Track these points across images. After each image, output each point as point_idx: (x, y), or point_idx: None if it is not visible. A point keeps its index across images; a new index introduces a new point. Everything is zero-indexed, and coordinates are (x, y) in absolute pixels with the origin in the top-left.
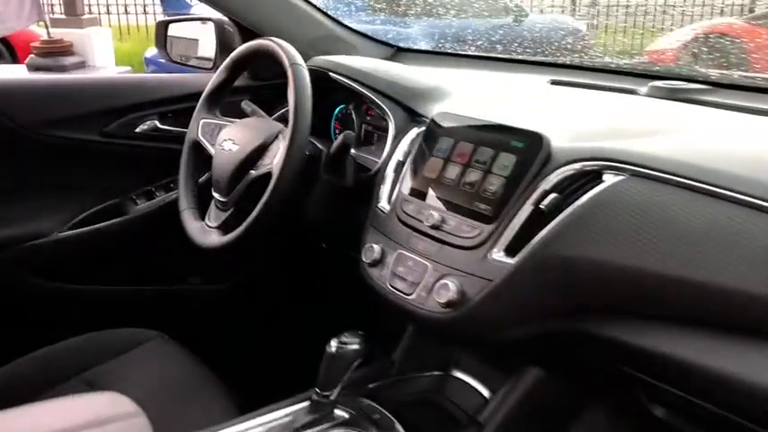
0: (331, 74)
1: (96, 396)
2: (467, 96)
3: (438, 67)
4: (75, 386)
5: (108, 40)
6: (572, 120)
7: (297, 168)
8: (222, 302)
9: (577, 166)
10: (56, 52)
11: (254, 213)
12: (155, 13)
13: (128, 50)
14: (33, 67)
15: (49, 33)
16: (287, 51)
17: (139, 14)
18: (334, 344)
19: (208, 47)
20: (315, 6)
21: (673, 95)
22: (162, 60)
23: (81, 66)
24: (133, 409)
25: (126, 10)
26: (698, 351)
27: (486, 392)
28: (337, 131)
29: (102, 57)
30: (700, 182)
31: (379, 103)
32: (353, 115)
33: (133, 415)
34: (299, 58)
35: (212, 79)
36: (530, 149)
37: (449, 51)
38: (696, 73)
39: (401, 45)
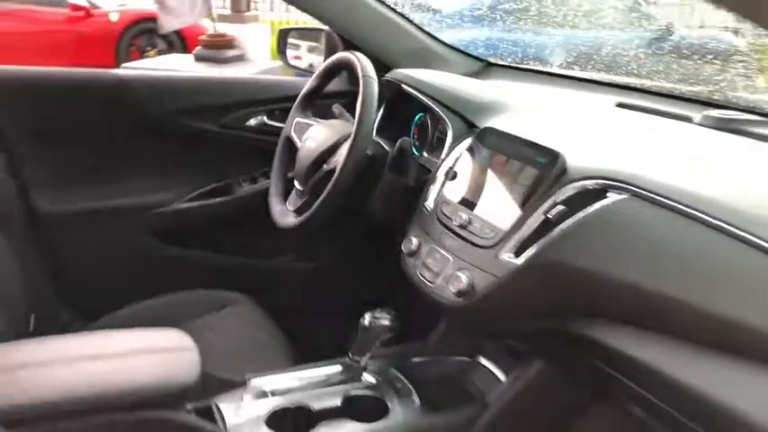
0: (403, 86)
1: (158, 331)
2: (522, 113)
3: (522, 82)
4: None
5: (266, 36)
6: (604, 141)
7: (355, 167)
8: (308, 278)
9: (588, 182)
10: (219, 45)
11: (318, 201)
12: None
13: None
14: (199, 58)
15: (214, 28)
16: (362, 64)
17: (300, 13)
18: (368, 317)
19: (318, 54)
20: (410, 21)
21: (722, 125)
22: None
23: (240, 59)
24: (188, 345)
25: (287, 8)
26: (667, 359)
27: (503, 378)
28: (415, 136)
29: (259, 51)
30: (691, 209)
31: (440, 113)
32: (428, 122)
33: (186, 349)
34: (370, 71)
35: (306, 84)
36: (549, 165)
37: (536, 68)
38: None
39: (491, 60)
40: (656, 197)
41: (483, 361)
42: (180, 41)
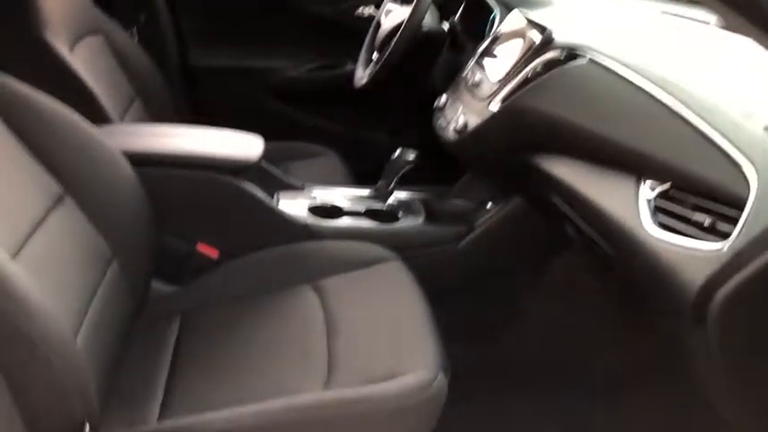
0: None
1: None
2: (557, 8)
3: None
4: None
5: None
6: (600, 29)
7: (409, 36)
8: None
9: (561, 51)
10: None
11: (379, 61)
12: None
13: None
14: None
15: None
16: None
17: None
18: (396, 152)
19: None
20: None
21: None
22: None
23: None
24: (257, 141)
25: None
26: (584, 180)
27: None
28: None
29: None
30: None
31: (490, 4)
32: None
33: (253, 138)
34: None
35: None
36: (541, 37)
37: None
38: None
39: None
40: (608, 65)
41: (490, 204)
42: None
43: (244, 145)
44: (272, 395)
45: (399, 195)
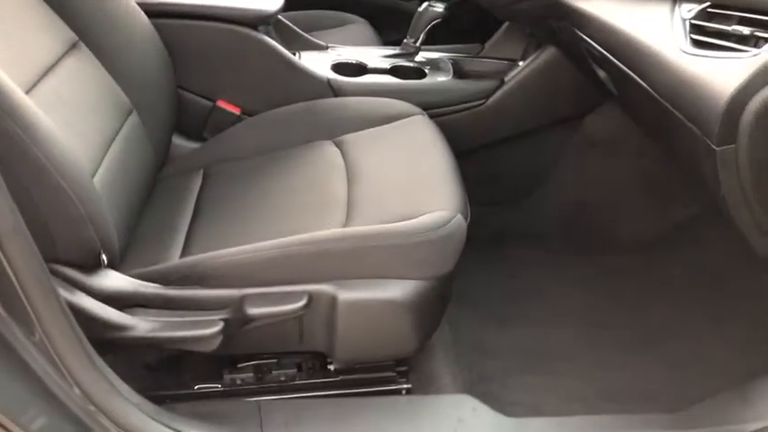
0: None
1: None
2: None
3: None
4: None
5: None
6: None
7: None
8: None
9: None
10: None
11: None
12: None
13: None
14: None
15: None
16: None
17: None
18: (423, 5)
19: None
20: None
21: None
22: None
23: None
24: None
25: None
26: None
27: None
28: None
29: None
30: None
31: None
32: None
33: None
34: None
35: None
36: None
37: None
38: None
39: None
40: None
41: None
42: None
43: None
44: (293, 233)
45: (427, 54)
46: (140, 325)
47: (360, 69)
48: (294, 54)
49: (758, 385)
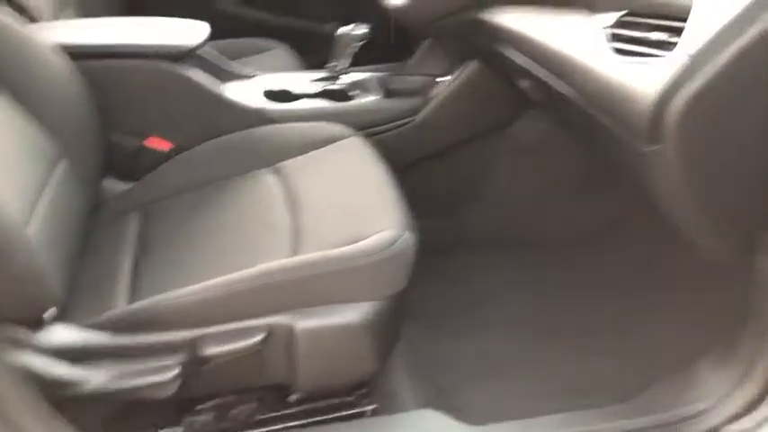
0: None
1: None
2: None
3: None
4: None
5: None
6: None
7: None
8: None
9: None
10: None
11: None
12: None
13: None
14: None
15: None
16: None
17: None
18: (341, 29)
19: None
20: None
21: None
22: None
23: None
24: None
25: None
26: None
27: None
28: None
29: None
30: None
31: None
32: None
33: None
34: None
35: None
36: None
37: None
38: None
39: None
40: None
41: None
42: None
43: (185, 31)
44: (240, 268)
45: (354, 75)
46: (94, 378)
47: (290, 96)
48: (223, 84)
49: (700, 367)
